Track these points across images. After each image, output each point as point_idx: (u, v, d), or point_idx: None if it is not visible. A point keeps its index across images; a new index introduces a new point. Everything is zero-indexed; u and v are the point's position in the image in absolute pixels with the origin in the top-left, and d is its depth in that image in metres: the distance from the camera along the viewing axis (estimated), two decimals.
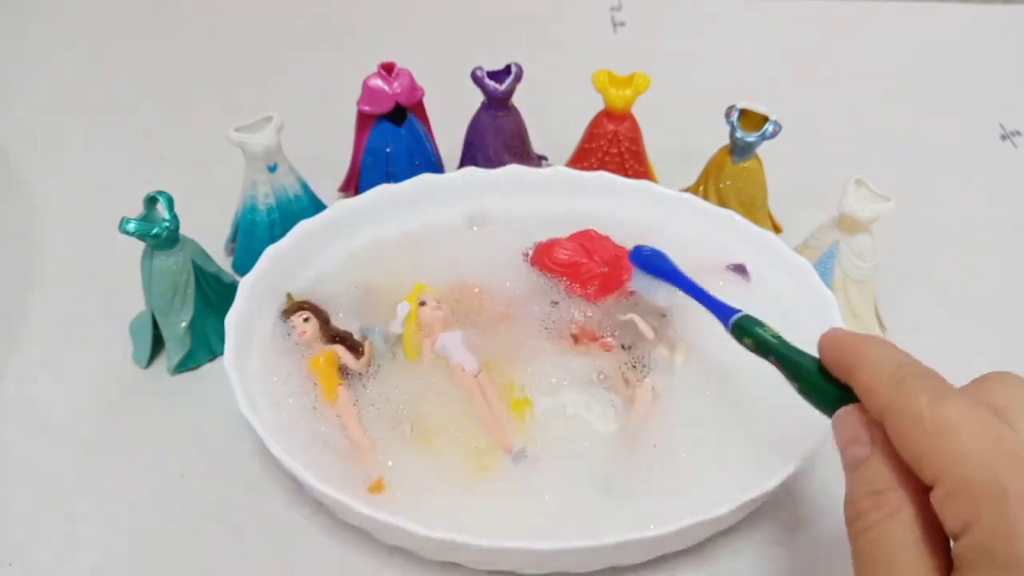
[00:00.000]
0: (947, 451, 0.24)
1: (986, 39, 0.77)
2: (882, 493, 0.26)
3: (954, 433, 0.25)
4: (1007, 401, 0.26)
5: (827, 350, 0.31)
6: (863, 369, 0.28)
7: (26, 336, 0.48)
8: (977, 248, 0.55)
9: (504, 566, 0.36)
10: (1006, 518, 0.23)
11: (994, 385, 0.27)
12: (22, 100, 0.67)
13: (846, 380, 0.29)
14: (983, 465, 0.24)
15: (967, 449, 0.24)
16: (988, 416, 0.25)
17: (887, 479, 0.26)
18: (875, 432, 0.27)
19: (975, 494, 0.23)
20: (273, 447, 0.36)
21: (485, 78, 0.50)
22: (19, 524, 0.39)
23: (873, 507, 0.26)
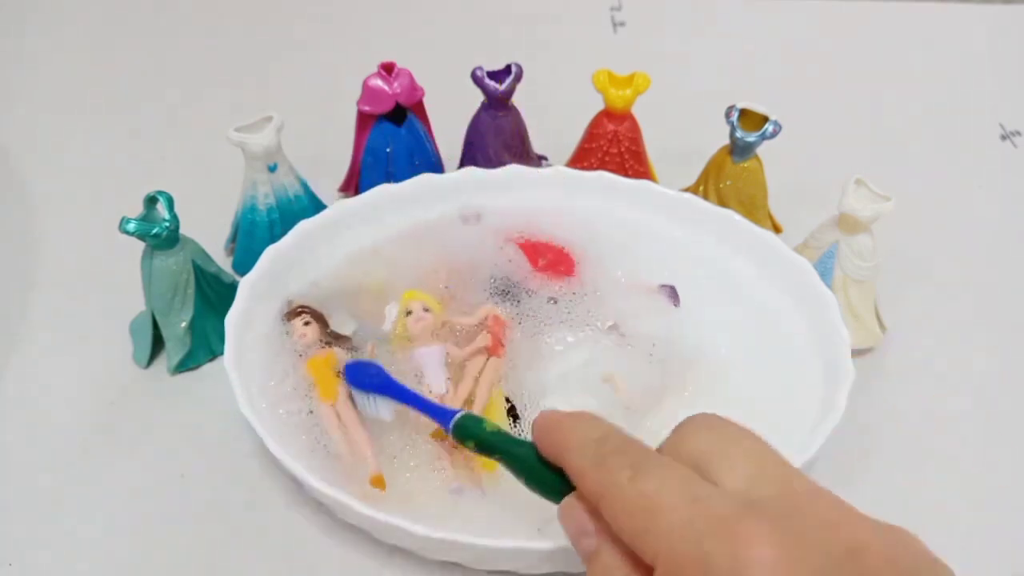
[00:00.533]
0: (654, 530, 0.24)
1: (986, 39, 0.76)
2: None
3: (656, 509, 0.24)
4: (705, 448, 0.26)
5: (538, 434, 0.30)
6: (569, 451, 0.28)
7: (26, 336, 0.48)
8: (977, 248, 0.55)
9: (504, 566, 0.36)
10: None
11: (694, 432, 0.27)
12: (22, 100, 0.67)
13: (560, 465, 0.29)
14: (687, 539, 0.23)
15: (670, 523, 0.24)
16: (686, 479, 0.25)
17: (620, 567, 0.26)
18: (600, 520, 0.27)
19: (688, 571, 0.23)
20: (273, 447, 0.36)
21: (485, 78, 0.50)
22: (19, 524, 0.39)
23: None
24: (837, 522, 0.24)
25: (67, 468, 0.41)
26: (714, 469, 0.26)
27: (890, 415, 0.45)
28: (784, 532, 0.23)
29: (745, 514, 0.23)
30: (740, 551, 0.22)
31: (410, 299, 0.44)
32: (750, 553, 0.22)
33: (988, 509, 0.41)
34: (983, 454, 0.43)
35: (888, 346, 0.48)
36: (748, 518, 0.23)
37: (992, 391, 0.47)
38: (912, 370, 0.47)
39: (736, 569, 0.22)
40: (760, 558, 0.22)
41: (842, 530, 0.24)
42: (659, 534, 0.24)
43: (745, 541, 0.23)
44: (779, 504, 0.24)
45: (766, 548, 0.22)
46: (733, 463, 0.26)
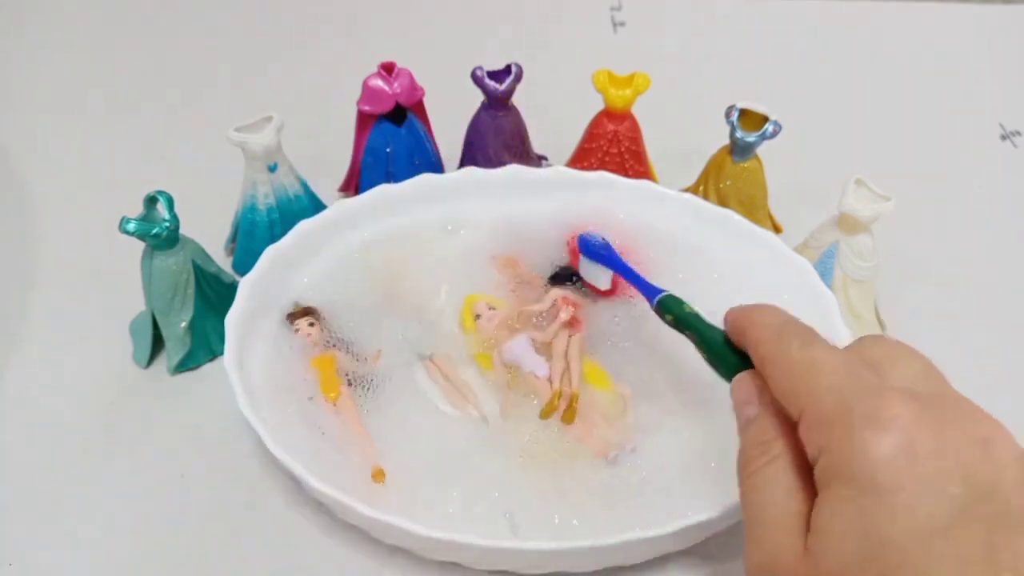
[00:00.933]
0: (810, 387, 0.27)
1: (986, 39, 0.77)
2: (767, 443, 0.28)
3: (816, 371, 0.27)
4: (878, 355, 0.28)
5: (730, 315, 0.33)
6: (752, 328, 0.31)
7: (26, 336, 0.48)
8: (977, 248, 0.55)
9: (504, 566, 0.36)
10: (851, 436, 0.25)
11: (869, 343, 0.29)
12: (22, 100, 0.67)
13: (740, 341, 0.32)
14: (836, 394, 0.26)
15: (826, 383, 0.26)
16: (848, 357, 0.28)
17: (772, 431, 0.28)
18: (765, 394, 0.30)
19: (829, 421, 0.26)
20: (273, 447, 0.36)
21: (485, 78, 0.50)
22: (19, 524, 0.39)
23: (759, 455, 0.28)
24: (980, 420, 0.26)
25: (67, 468, 0.41)
26: (881, 367, 0.27)
27: None
28: (928, 407, 0.25)
29: (896, 390, 0.25)
30: (882, 407, 0.25)
31: (473, 302, 0.45)
32: (889, 410, 0.24)
33: None
34: None
35: None
36: (897, 392, 0.25)
37: (992, 391, 0.46)
38: None
39: (874, 420, 0.24)
40: (899, 415, 0.24)
41: (983, 425, 0.25)
42: (813, 391, 0.27)
43: (889, 401, 0.25)
44: (931, 395, 0.26)
45: (906, 408, 0.24)
46: (900, 367, 0.28)
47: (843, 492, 0.24)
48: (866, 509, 0.24)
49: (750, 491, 0.28)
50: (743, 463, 0.29)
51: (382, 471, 0.38)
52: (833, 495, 0.25)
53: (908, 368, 0.28)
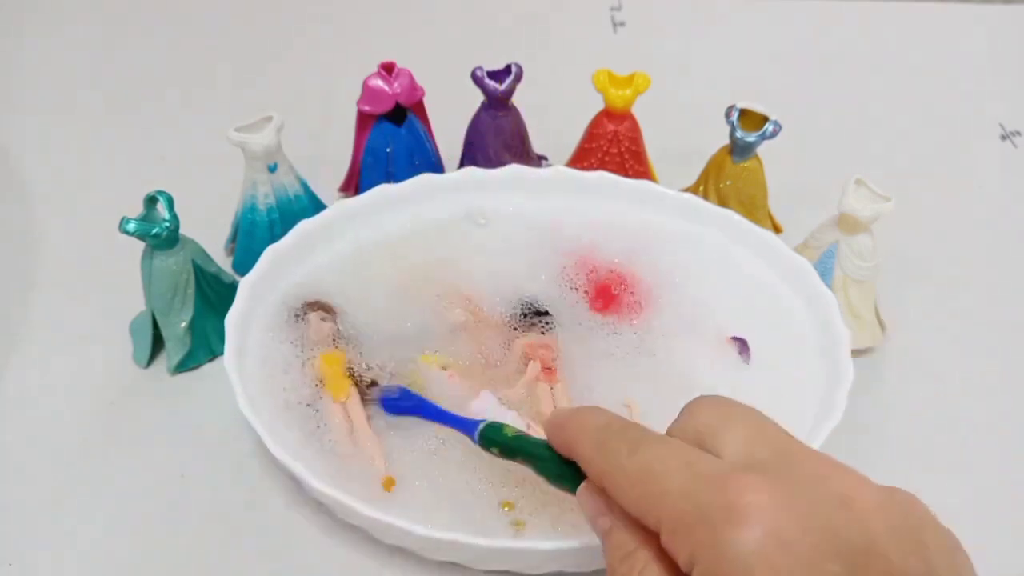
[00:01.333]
0: (655, 495, 0.25)
1: (986, 39, 0.76)
2: (630, 554, 0.27)
3: (654, 477, 0.26)
4: (707, 422, 0.27)
5: (549, 430, 0.31)
6: (577, 442, 0.29)
7: (26, 336, 0.48)
8: (977, 248, 0.55)
9: (504, 566, 0.36)
10: (715, 539, 0.23)
11: (696, 411, 0.28)
12: (22, 100, 0.67)
13: (569, 456, 0.30)
14: (683, 495, 0.25)
15: (668, 487, 0.25)
16: (680, 448, 0.26)
17: (631, 542, 0.27)
18: (611, 502, 0.28)
19: (687, 529, 0.24)
20: (273, 447, 0.36)
21: (485, 78, 0.50)
22: (19, 524, 0.39)
23: (628, 569, 0.27)
24: (831, 475, 0.25)
25: (67, 468, 0.41)
26: (714, 442, 0.27)
27: (890, 415, 0.45)
28: (777, 482, 0.24)
29: (739, 470, 0.25)
30: (734, 499, 0.23)
31: (427, 366, 0.42)
32: (743, 499, 0.23)
33: (989, 509, 0.41)
34: (983, 454, 0.43)
35: (888, 346, 0.48)
36: (741, 472, 0.24)
37: (992, 391, 0.47)
38: (912, 370, 0.47)
39: (732, 515, 0.23)
40: (754, 503, 0.23)
41: (835, 482, 0.25)
42: (658, 498, 0.25)
43: (738, 490, 0.24)
44: (774, 461, 0.25)
45: (759, 494, 0.23)
46: (732, 434, 0.27)
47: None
48: None
49: None
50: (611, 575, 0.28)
51: (392, 480, 0.38)
52: None
53: (740, 431, 0.27)
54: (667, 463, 0.26)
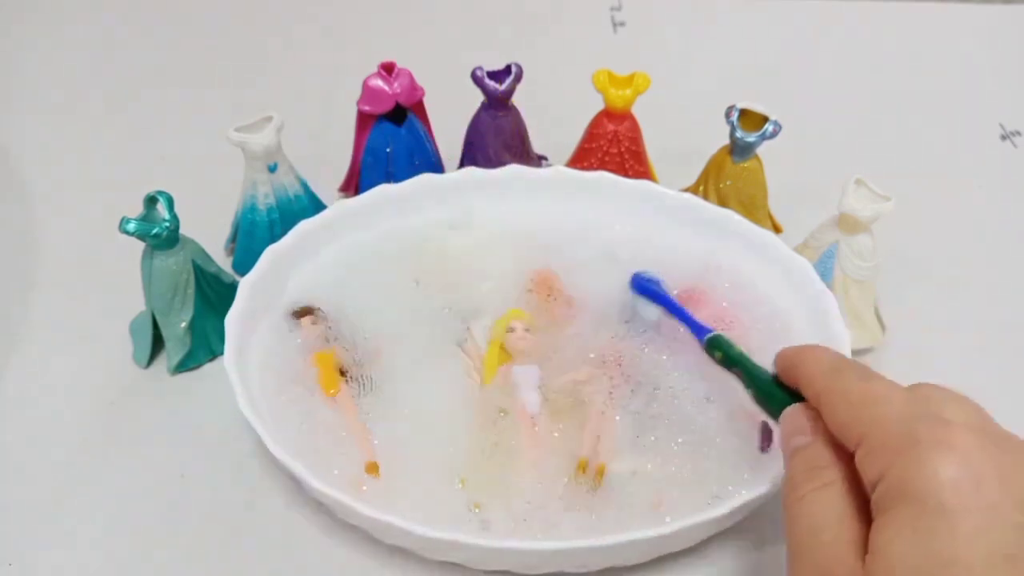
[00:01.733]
0: (869, 417, 0.27)
1: (986, 39, 0.77)
2: (819, 469, 0.28)
3: (876, 402, 0.28)
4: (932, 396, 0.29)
5: (779, 359, 0.34)
6: (805, 364, 0.32)
7: (26, 336, 0.48)
8: (977, 248, 0.55)
9: (504, 566, 0.36)
10: (917, 459, 0.25)
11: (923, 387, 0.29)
12: (22, 100, 0.67)
13: (793, 379, 0.32)
14: (899, 422, 0.26)
15: (886, 412, 0.27)
16: (908, 390, 0.28)
17: (825, 458, 0.29)
18: (817, 424, 0.30)
19: (894, 446, 0.26)
20: (273, 447, 0.36)
21: (485, 78, 0.50)
22: (19, 524, 0.39)
23: (808, 479, 0.29)
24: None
25: (67, 468, 0.41)
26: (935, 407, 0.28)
27: None
28: (988, 440, 0.26)
29: (958, 423, 0.26)
30: (945, 436, 0.25)
31: (514, 317, 0.44)
32: (955, 438, 0.25)
33: None
34: None
35: (888, 346, 0.48)
36: (960, 424, 0.26)
37: (992, 391, 0.46)
38: (912, 370, 0.47)
39: (940, 445, 0.25)
40: (963, 443, 0.25)
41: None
42: (873, 420, 0.27)
43: (951, 430, 0.25)
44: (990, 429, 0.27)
45: (969, 438, 0.25)
46: (953, 408, 0.28)
47: (906, 512, 0.24)
48: (931, 530, 0.24)
49: (799, 514, 0.28)
50: (791, 487, 0.29)
51: (376, 465, 0.38)
52: (895, 516, 0.25)
53: (962, 409, 0.28)
54: (893, 395, 0.28)
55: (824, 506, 0.27)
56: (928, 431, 0.25)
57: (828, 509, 0.27)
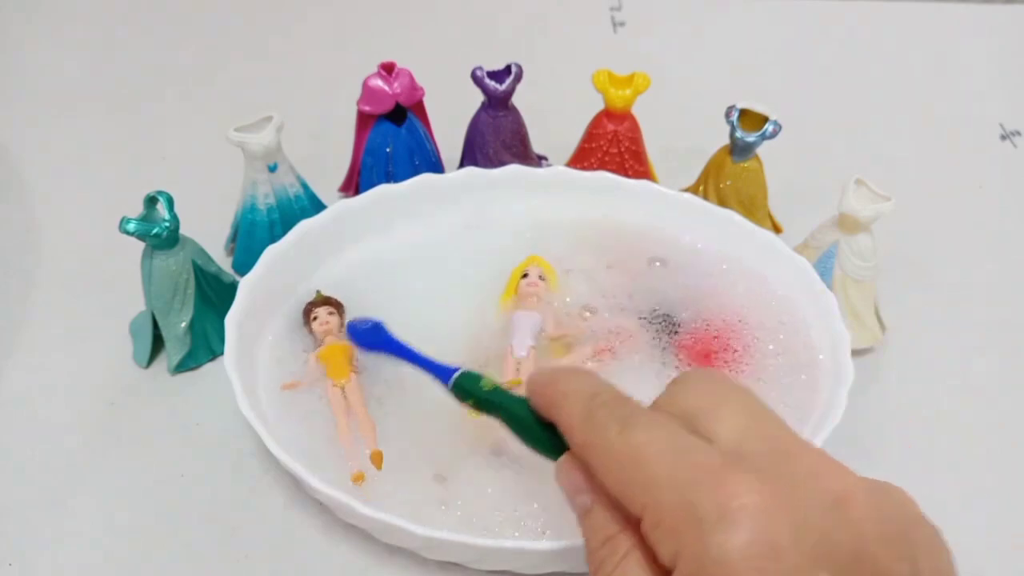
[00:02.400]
0: (640, 480, 0.24)
1: (986, 39, 0.76)
2: (612, 539, 0.26)
3: (643, 460, 0.24)
4: (700, 402, 0.26)
5: (532, 388, 0.30)
6: (561, 407, 0.28)
7: (26, 336, 0.48)
8: (977, 248, 0.55)
9: (504, 566, 0.36)
10: (703, 542, 0.22)
11: (688, 386, 0.27)
12: (22, 100, 0.67)
13: (552, 421, 0.29)
14: (672, 488, 0.24)
15: (656, 474, 0.24)
16: (674, 432, 0.25)
17: (612, 524, 0.26)
18: (592, 480, 0.27)
19: (673, 526, 0.23)
20: (273, 447, 0.36)
21: (485, 78, 0.50)
22: (19, 524, 0.39)
23: (608, 555, 0.26)
24: (824, 473, 0.24)
25: (67, 468, 0.41)
26: (707, 424, 0.26)
27: (890, 415, 0.45)
28: (769, 481, 0.23)
29: (731, 465, 0.24)
30: (725, 499, 0.22)
31: (531, 263, 0.46)
32: (735, 501, 0.22)
33: (988, 509, 0.41)
34: (983, 454, 0.43)
35: (888, 346, 0.48)
36: (734, 469, 0.23)
37: (992, 391, 0.47)
38: (912, 370, 0.47)
39: (722, 518, 0.22)
40: (745, 505, 0.22)
41: (829, 480, 0.24)
42: (645, 485, 0.24)
43: (730, 489, 0.23)
44: (767, 457, 0.24)
45: (751, 495, 0.22)
46: (724, 418, 0.26)
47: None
48: None
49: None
50: (593, 564, 0.26)
51: (380, 454, 0.38)
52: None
53: (732, 416, 0.26)
54: (658, 447, 0.25)
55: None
56: (703, 497, 0.23)
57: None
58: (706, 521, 0.22)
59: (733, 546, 0.22)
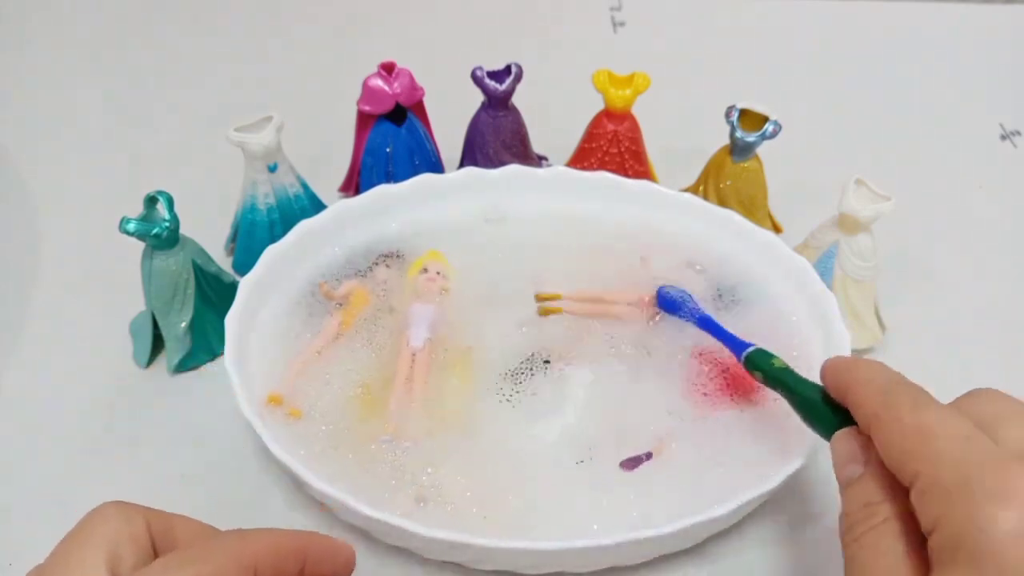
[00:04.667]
0: (923, 453, 0.26)
1: (986, 39, 0.77)
2: (874, 505, 0.27)
3: (930, 436, 0.26)
4: (990, 410, 0.27)
5: (830, 370, 0.32)
6: (856, 384, 0.30)
7: (26, 336, 0.48)
8: (977, 248, 0.55)
9: (504, 566, 0.36)
10: (972, 511, 0.23)
11: (978, 398, 0.29)
12: (22, 100, 0.67)
13: (842, 398, 0.31)
14: (954, 464, 0.25)
15: (941, 449, 0.25)
16: (964, 421, 0.26)
17: (878, 493, 0.28)
18: (869, 452, 0.29)
19: (945, 492, 0.24)
20: (273, 447, 0.36)
21: (485, 78, 0.50)
22: (19, 524, 0.39)
23: (865, 518, 0.27)
24: None
25: (67, 468, 0.41)
26: (996, 430, 0.26)
27: None
28: None
29: (1016, 459, 0.24)
30: (1004, 479, 0.24)
31: (431, 259, 0.47)
32: (1013, 482, 0.23)
33: None
34: None
35: (888, 346, 0.48)
36: (1019, 463, 0.24)
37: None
38: (912, 370, 0.46)
39: (996, 493, 0.23)
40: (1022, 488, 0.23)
41: None
42: (927, 457, 0.26)
43: (1011, 473, 0.24)
44: None
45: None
46: (1013, 426, 0.27)
47: (965, 571, 0.23)
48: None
49: (857, 554, 0.27)
50: (848, 525, 0.28)
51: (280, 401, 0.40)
52: (953, 573, 0.24)
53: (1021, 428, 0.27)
54: (947, 428, 0.26)
55: (880, 547, 0.27)
56: (983, 475, 0.24)
57: (884, 550, 0.26)
58: (979, 493, 0.24)
59: (1003, 519, 0.23)
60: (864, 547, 0.27)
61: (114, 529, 0.26)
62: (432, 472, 0.38)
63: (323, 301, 0.45)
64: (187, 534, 0.29)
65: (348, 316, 0.44)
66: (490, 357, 0.43)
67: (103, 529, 0.26)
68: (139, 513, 0.28)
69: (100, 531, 0.26)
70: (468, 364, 0.42)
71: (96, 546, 0.26)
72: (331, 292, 0.45)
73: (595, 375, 0.42)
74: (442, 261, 0.47)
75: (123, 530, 0.26)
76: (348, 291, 0.45)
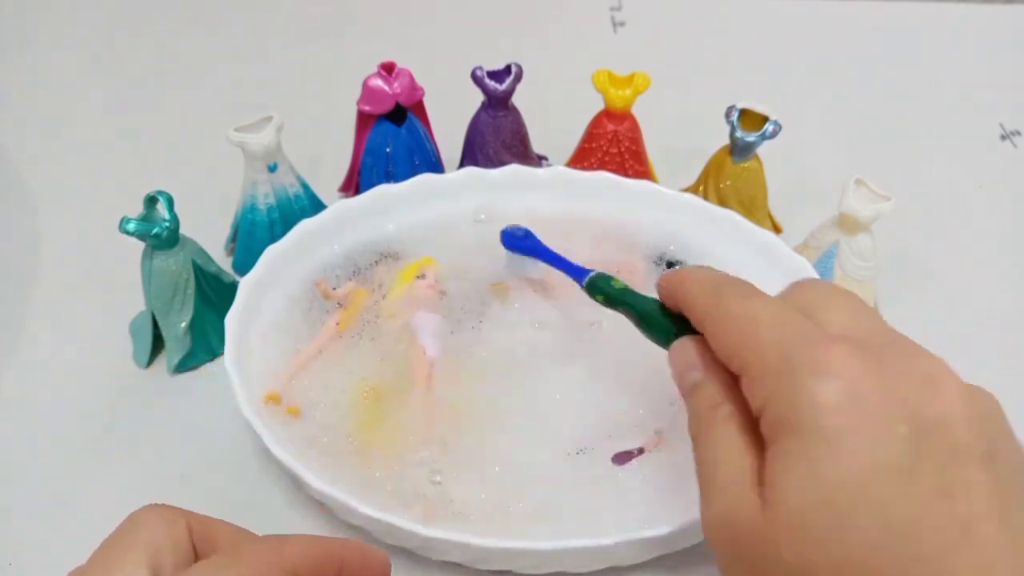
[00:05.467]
0: (750, 341, 0.27)
1: (986, 39, 0.76)
2: (716, 406, 0.28)
3: (756, 324, 0.27)
4: (811, 296, 0.29)
5: (663, 283, 0.33)
6: (688, 287, 0.31)
7: (26, 336, 0.48)
8: (977, 248, 0.55)
9: (504, 566, 0.36)
10: (794, 387, 0.25)
11: (801, 287, 0.30)
12: (22, 100, 0.67)
13: (677, 305, 0.32)
14: (776, 346, 0.26)
15: (766, 335, 0.27)
16: (786, 307, 0.28)
17: (719, 395, 0.29)
18: (707, 357, 0.30)
19: (772, 373, 0.26)
20: (273, 447, 0.36)
21: (485, 78, 0.50)
22: (19, 524, 0.39)
23: (709, 419, 0.28)
24: (920, 356, 0.26)
25: (67, 468, 0.41)
26: (816, 313, 0.28)
27: None
28: (868, 353, 0.25)
29: (835, 339, 0.26)
30: (822, 356, 0.25)
31: (427, 265, 0.46)
32: (831, 358, 0.25)
33: None
34: None
35: None
36: (837, 342, 0.25)
37: (991, 391, 0.46)
38: None
39: (816, 369, 0.25)
40: (839, 361, 0.25)
41: (924, 363, 0.26)
42: (752, 346, 0.27)
43: (828, 350, 0.25)
44: (870, 338, 0.27)
45: (848, 358, 0.25)
46: (835, 311, 0.28)
47: (792, 442, 0.25)
48: (815, 457, 0.24)
49: (703, 451, 0.28)
50: (695, 428, 0.29)
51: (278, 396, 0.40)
52: (783, 447, 0.25)
53: (842, 310, 0.28)
54: (772, 315, 0.27)
55: (723, 442, 0.28)
56: (803, 353, 0.25)
57: (727, 444, 0.27)
58: (800, 371, 0.25)
59: (820, 390, 0.24)
60: (709, 442, 0.28)
61: (156, 532, 0.27)
62: (432, 472, 0.38)
63: (323, 301, 0.45)
64: (226, 538, 0.29)
65: (347, 316, 0.44)
66: (490, 357, 0.43)
67: (145, 532, 0.27)
68: (180, 516, 0.28)
69: (142, 534, 0.27)
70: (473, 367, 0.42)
71: (138, 549, 0.26)
72: (329, 292, 0.45)
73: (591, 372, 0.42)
74: (436, 267, 0.47)
75: (165, 533, 0.27)
76: (347, 291, 0.45)
